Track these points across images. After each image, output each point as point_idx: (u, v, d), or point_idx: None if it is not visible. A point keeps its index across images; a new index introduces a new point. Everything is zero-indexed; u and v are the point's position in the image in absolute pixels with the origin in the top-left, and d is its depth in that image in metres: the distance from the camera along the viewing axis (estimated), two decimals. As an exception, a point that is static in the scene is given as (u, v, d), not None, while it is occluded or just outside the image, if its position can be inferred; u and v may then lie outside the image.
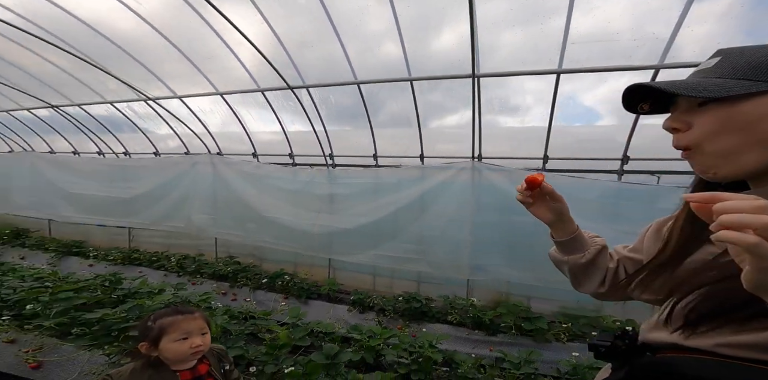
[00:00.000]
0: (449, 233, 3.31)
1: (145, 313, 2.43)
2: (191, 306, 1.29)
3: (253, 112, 4.06)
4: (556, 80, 2.66)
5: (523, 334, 2.52)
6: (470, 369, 1.80)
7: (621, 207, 2.85)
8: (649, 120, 2.78)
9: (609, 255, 0.81)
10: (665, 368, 0.51)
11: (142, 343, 1.09)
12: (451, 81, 2.91)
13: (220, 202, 4.48)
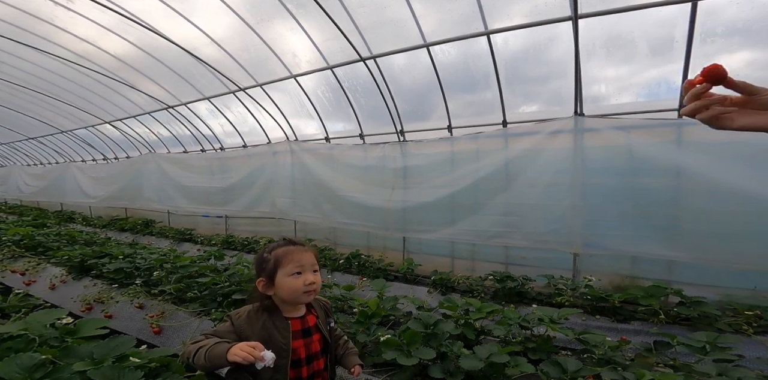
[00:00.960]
0: (550, 201, 2.79)
1: (243, 279, 2.53)
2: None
3: (323, 100, 4.11)
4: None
5: (676, 322, 1.86)
6: (612, 352, 1.34)
7: None
8: None
9: None
10: None
11: (259, 280, 1.01)
12: (537, 33, 2.39)
13: (298, 186, 4.62)
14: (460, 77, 3.32)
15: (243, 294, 2.23)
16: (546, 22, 2.31)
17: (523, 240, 2.87)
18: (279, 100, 4.31)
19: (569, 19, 2.15)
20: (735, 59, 2.22)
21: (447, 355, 1.35)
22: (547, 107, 3.15)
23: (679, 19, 2.11)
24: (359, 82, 3.54)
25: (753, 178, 2.05)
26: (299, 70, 3.73)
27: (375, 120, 3.92)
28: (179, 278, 2.73)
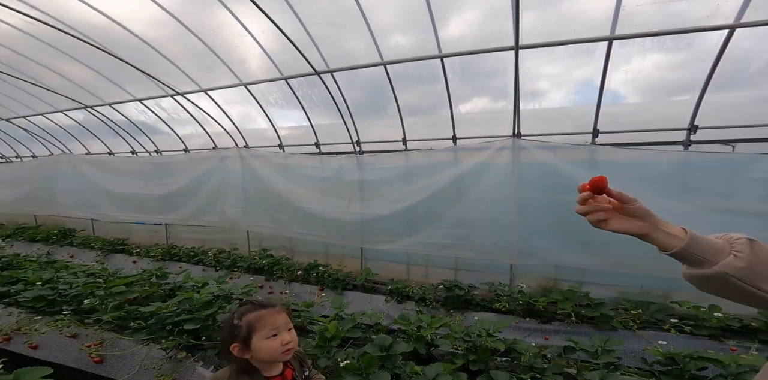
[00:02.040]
0: (493, 216, 3.14)
1: (194, 306, 2.47)
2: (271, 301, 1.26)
3: (276, 105, 4.03)
4: (608, 46, 2.42)
5: (584, 322, 2.35)
6: (534, 358, 1.69)
7: (697, 180, 2.58)
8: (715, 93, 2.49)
9: None
10: None
11: (233, 345, 1.02)
12: (479, 60, 2.69)
13: (250, 195, 4.54)
14: (416, 93, 3.53)
15: (196, 323, 2.21)
16: (492, 50, 2.60)
17: (471, 251, 3.24)
18: (228, 105, 4.13)
19: (511, 49, 2.45)
20: (647, 61, 2.59)
21: (400, 376, 1.56)
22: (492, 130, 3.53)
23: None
24: (314, 92, 3.55)
25: (635, 195, 2.58)
26: (250, 78, 3.61)
27: (331, 128, 3.98)
28: (117, 305, 2.59)
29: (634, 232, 0.63)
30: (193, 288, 3.24)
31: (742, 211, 2.37)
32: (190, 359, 2.05)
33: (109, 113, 4.85)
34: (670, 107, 2.89)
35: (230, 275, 4.27)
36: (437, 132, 3.49)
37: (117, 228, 6.15)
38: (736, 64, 2.46)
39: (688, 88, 2.62)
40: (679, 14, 2.28)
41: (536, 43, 2.45)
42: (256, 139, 4.56)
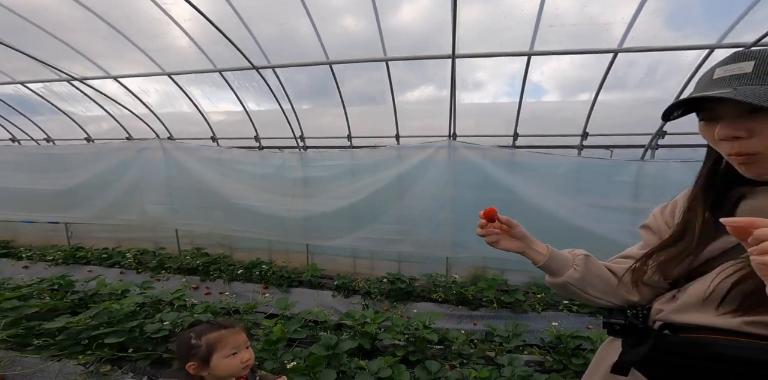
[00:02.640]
0: (431, 212, 3.41)
1: (114, 318, 2.30)
2: (229, 319, 1.26)
3: (208, 92, 3.68)
4: (527, 62, 2.74)
5: (503, 307, 2.78)
6: (462, 345, 2.01)
7: (585, 181, 3.14)
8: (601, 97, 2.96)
9: (618, 261, 0.84)
10: (699, 348, 0.59)
11: (190, 364, 1.06)
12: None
13: (177, 191, 4.17)
14: (361, 92, 3.55)
15: (120, 335, 2.08)
16: (431, 57, 2.76)
17: (412, 246, 3.50)
18: (146, 94, 3.66)
19: (449, 57, 2.63)
20: (564, 59, 2.85)
21: (346, 373, 1.72)
22: (431, 123, 3.71)
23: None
24: (253, 85, 3.34)
25: (542, 193, 3.11)
26: (175, 67, 3.25)
27: (271, 116, 3.79)
28: (12, 322, 2.27)
29: (516, 250, 0.82)
30: (111, 296, 2.95)
31: (615, 208, 2.99)
32: (117, 372, 1.96)
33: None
34: (579, 106, 3.20)
35: (156, 277, 3.95)
36: (384, 122, 3.56)
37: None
38: (618, 78, 2.90)
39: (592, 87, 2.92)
40: (582, 34, 2.67)
41: (470, 53, 2.67)
42: (184, 130, 4.15)
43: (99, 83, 3.55)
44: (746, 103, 0.51)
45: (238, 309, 2.80)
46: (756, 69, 0.54)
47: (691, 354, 0.60)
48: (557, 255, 0.80)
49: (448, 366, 1.79)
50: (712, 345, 0.58)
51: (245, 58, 2.89)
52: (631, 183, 3.02)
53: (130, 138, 4.24)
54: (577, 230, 2.95)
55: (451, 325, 2.67)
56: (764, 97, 0.51)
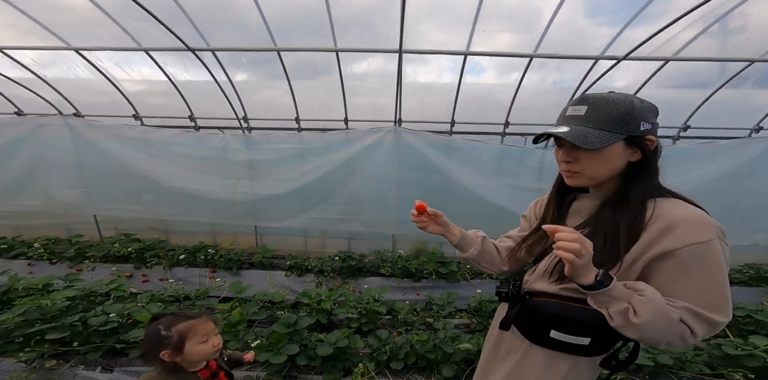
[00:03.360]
0: (378, 193, 3.66)
1: (47, 314, 2.18)
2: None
3: (129, 67, 3.22)
4: (463, 61, 2.99)
5: (440, 277, 3.24)
6: (407, 315, 2.38)
7: (504, 165, 3.65)
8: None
9: (503, 240, 1.17)
10: (536, 308, 0.94)
11: (164, 352, 1.15)
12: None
13: (93, 173, 3.78)
14: (306, 63, 3.41)
15: (63, 331, 2.01)
16: (379, 51, 2.81)
17: (361, 226, 3.76)
18: (43, 67, 3.12)
19: (396, 51, 2.72)
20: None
21: (308, 346, 1.96)
22: (376, 101, 3.80)
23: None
24: (186, 62, 3.02)
25: (471, 176, 3.56)
26: (85, 42, 2.78)
27: (207, 97, 3.50)
28: None
29: (439, 234, 1.08)
30: (31, 291, 2.70)
31: (526, 188, 3.57)
32: (65, 365, 1.95)
33: None
34: (510, 89, 3.44)
35: (77, 267, 3.63)
36: (331, 99, 3.54)
37: None
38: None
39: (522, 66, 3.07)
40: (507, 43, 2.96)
41: (416, 50, 2.79)
42: (90, 103, 3.62)
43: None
44: (576, 144, 0.78)
45: (189, 296, 2.81)
46: (587, 113, 0.79)
47: (534, 313, 0.94)
48: (466, 236, 1.09)
49: (396, 333, 2.16)
50: (542, 305, 0.93)
51: (179, 40, 2.59)
52: (537, 167, 3.61)
53: (21, 113, 3.58)
54: (498, 207, 3.48)
55: (398, 297, 3.07)
56: (582, 138, 0.77)
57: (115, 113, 3.64)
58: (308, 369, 1.87)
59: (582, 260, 0.69)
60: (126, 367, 1.93)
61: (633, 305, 0.73)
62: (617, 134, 0.77)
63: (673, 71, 3.06)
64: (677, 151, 3.60)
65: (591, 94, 0.82)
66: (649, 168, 0.83)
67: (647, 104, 0.81)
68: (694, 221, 0.75)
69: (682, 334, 0.73)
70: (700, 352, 1.97)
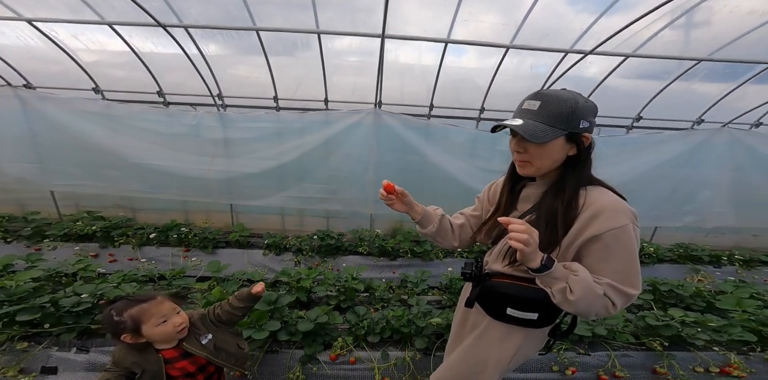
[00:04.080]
0: (356, 173, 3.68)
1: (14, 296, 2.05)
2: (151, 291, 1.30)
3: (87, 37, 2.86)
4: (444, 47, 2.97)
5: (415, 256, 3.38)
6: (384, 292, 2.50)
7: (477, 149, 3.78)
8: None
9: (456, 216, 1.27)
10: (494, 288, 1.06)
11: (124, 336, 1.16)
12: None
13: (49, 148, 3.48)
14: (283, 38, 3.19)
15: (33, 312, 1.93)
16: (362, 35, 2.71)
17: (339, 205, 3.79)
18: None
19: (378, 36, 2.63)
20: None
21: (288, 322, 2.03)
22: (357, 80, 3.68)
23: None
24: (156, 38, 2.73)
25: (446, 158, 3.67)
26: (33, 12, 2.44)
27: (179, 76, 3.22)
28: None
29: (404, 211, 1.17)
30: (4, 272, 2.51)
31: (495, 171, 3.68)
32: (37, 347, 1.90)
33: None
34: (487, 73, 3.40)
35: (35, 247, 3.40)
36: (311, 77, 3.40)
37: None
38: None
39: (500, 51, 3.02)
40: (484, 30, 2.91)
41: (399, 35, 2.72)
42: (48, 77, 3.25)
43: None
44: (525, 137, 0.86)
45: (164, 276, 2.74)
46: (539, 109, 0.87)
47: (492, 292, 1.06)
48: (427, 213, 1.19)
49: (373, 310, 2.28)
50: (498, 286, 1.05)
51: (147, 13, 2.33)
52: (507, 151, 3.71)
53: None
54: (468, 187, 3.63)
55: (375, 275, 3.19)
56: (531, 132, 0.86)
57: (71, 85, 3.29)
58: (289, 343, 1.94)
59: (530, 248, 0.79)
60: (102, 347, 1.89)
61: (569, 284, 0.85)
62: (560, 130, 0.86)
63: (635, 62, 3.21)
64: (629, 140, 3.87)
65: (545, 91, 0.89)
66: (583, 161, 0.94)
67: (590, 104, 0.90)
68: (614, 208, 0.87)
69: (606, 306, 0.87)
70: (628, 324, 2.23)
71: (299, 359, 1.88)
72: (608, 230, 0.85)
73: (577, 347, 2.06)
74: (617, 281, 0.87)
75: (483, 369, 1.12)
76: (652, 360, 2.04)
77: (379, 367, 1.90)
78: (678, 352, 2.06)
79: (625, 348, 2.09)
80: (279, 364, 1.87)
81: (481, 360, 1.13)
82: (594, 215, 0.87)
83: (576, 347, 2.06)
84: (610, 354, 2.02)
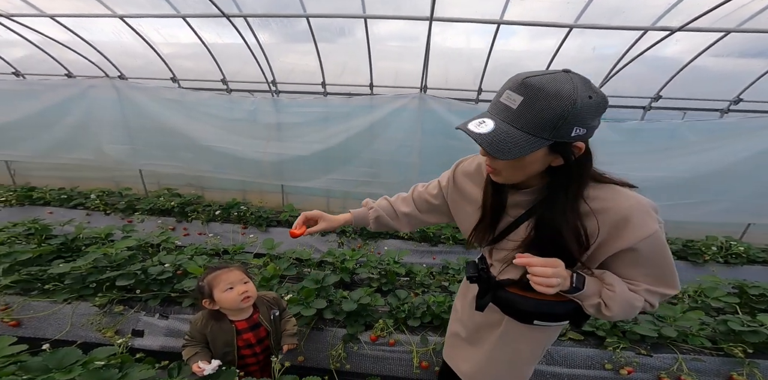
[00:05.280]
0: (399, 157, 3.63)
1: (115, 262, 2.34)
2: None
3: (166, 31, 3.11)
4: (496, 29, 2.71)
5: (457, 243, 3.30)
6: (424, 277, 2.50)
7: None
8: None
9: (405, 202, 1.20)
10: (513, 304, 0.90)
11: (204, 300, 1.31)
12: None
13: (138, 131, 3.89)
14: (327, 23, 3.15)
15: (129, 278, 2.17)
16: (409, 18, 2.55)
17: (381, 188, 3.80)
18: (89, 32, 3.11)
19: (426, 19, 2.45)
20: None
21: (333, 301, 2.13)
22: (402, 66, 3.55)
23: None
24: (225, 32, 2.86)
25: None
26: (123, 9, 2.68)
27: (236, 64, 3.37)
28: (8, 268, 2.29)
29: (327, 229, 1.12)
30: (95, 240, 2.90)
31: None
32: (130, 311, 2.13)
33: None
34: (544, 56, 3.13)
35: (128, 219, 3.88)
36: (351, 63, 3.38)
37: None
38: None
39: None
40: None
41: (447, 18, 2.52)
42: (128, 64, 3.61)
43: (30, 21, 2.95)
44: (491, 154, 0.68)
45: (227, 250, 3.00)
46: (518, 108, 0.64)
47: (511, 308, 0.92)
48: (358, 218, 1.16)
49: (413, 294, 2.29)
50: (518, 303, 0.89)
51: (213, 5, 2.42)
52: None
53: (71, 75, 3.66)
54: None
55: (415, 260, 3.19)
56: (498, 146, 0.65)
57: (152, 75, 3.64)
58: (333, 322, 2.04)
59: (559, 287, 0.73)
60: (179, 315, 2.08)
61: (604, 300, 0.78)
62: (542, 140, 0.65)
63: (736, 38, 2.62)
64: (721, 125, 3.26)
65: (534, 80, 0.63)
66: (572, 175, 0.74)
67: (595, 100, 0.63)
68: (639, 213, 0.73)
69: (644, 308, 0.81)
70: (704, 327, 1.98)
71: (342, 337, 1.95)
72: (640, 240, 0.73)
73: (637, 346, 1.89)
74: (655, 284, 0.79)
75: (518, 366, 1.08)
76: (729, 366, 1.80)
77: (418, 351, 1.93)
78: (762, 361, 1.80)
79: (697, 352, 1.86)
80: (323, 341, 1.97)
81: (511, 360, 1.07)
82: (618, 224, 0.74)
83: (636, 346, 1.88)
84: (677, 357, 1.81)
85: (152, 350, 2.00)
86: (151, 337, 2.05)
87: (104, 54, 3.44)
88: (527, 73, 0.65)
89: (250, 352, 1.43)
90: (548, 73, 0.64)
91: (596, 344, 1.91)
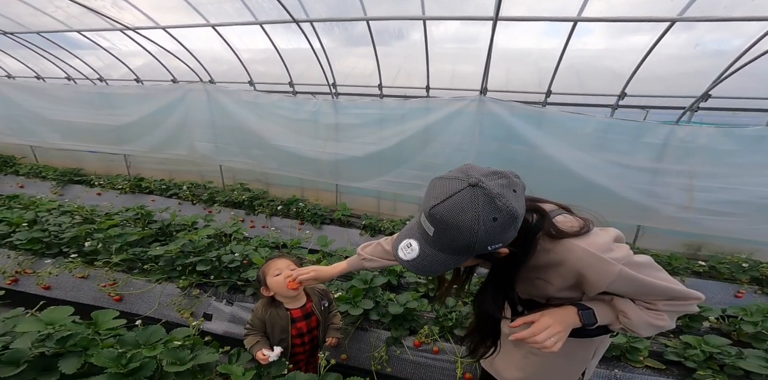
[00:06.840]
0: (454, 161, 3.47)
1: (196, 248, 2.53)
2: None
3: (246, 38, 3.47)
4: (572, 27, 2.43)
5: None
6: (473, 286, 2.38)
7: (610, 140, 3.08)
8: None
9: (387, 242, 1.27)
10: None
11: (261, 288, 1.45)
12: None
13: (221, 130, 4.35)
14: (384, 27, 3.18)
15: (206, 264, 2.34)
16: (472, 18, 2.42)
17: (433, 193, 3.72)
18: (188, 41, 3.58)
19: (491, 19, 2.31)
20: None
21: (380, 303, 2.14)
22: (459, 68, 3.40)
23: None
24: (293, 37, 3.09)
25: (564, 149, 3.15)
26: (218, 20, 3.06)
27: (300, 68, 3.60)
28: (119, 248, 2.61)
29: (320, 282, 1.39)
30: (183, 227, 3.23)
31: (635, 167, 3.06)
32: (204, 295, 2.28)
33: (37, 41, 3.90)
34: (624, 55, 2.84)
35: (209, 209, 4.31)
36: (406, 66, 3.37)
37: (64, 156, 5.66)
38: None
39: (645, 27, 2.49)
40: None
41: (514, 17, 2.33)
42: (215, 69, 4.05)
43: (148, 33, 3.48)
44: (416, 272, 0.75)
45: (286, 244, 3.12)
46: (434, 236, 0.69)
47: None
48: (352, 266, 1.33)
49: (461, 302, 2.20)
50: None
51: (285, 10, 2.62)
52: (659, 144, 2.95)
53: (175, 80, 4.26)
54: (590, 183, 3.13)
55: (465, 267, 3.05)
56: (425, 268, 0.72)
57: (234, 79, 4.05)
58: (378, 324, 2.04)
59: (561, 339, 0.78)
60: (242, 303, 2.21)
61: (626, 326, 0.80)
62: (463, 257, 0.70)
63: None
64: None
65: (437, 211, 0.65)
66: (505, 266, 0.82)
67: (500, 221, 0.64)
68: (592, 263, 0.74)
69: (674, 318, 0.81)
70: None
71: (385, 340, 1.95)
72: (607, 285, 0.75)
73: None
74: (670, 298, 0.79)
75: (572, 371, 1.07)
76: None
77: (462, 361, 1.86)
78: None
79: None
80: (366, 341, 1.98)
81: (562, 365, 1.05)
82: (578, 276, 0.78)
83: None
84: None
85: (216, 334, 2.15)
86: (217, 322, 2.20)
87: (200, 60, 3.90)
88: (434, 198, 0.67)
89: (299, 342, 1.50)
90: (452, 195, 0.65)
91: (682, 375, 1.65)
